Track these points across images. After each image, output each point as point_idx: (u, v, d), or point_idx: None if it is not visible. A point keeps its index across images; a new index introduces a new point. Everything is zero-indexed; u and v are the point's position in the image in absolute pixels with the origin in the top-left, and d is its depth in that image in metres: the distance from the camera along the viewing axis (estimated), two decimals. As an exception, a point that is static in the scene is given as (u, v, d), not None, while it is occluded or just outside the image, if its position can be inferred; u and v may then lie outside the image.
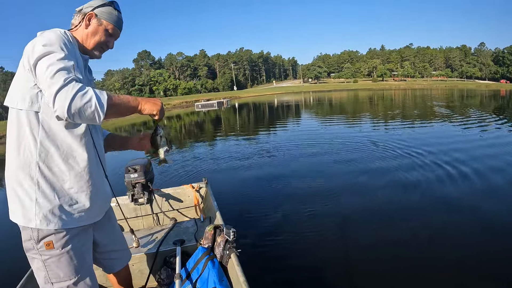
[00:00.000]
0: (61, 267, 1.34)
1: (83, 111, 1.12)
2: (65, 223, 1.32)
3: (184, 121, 21.27)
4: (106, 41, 1.45)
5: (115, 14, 1.44)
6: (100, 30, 1.41)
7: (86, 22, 1.39)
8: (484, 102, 22.58)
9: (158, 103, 1.38)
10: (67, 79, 1.11)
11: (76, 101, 1.10)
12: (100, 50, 1.47)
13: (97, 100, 1.14)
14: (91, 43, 1.41)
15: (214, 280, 1.76)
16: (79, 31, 1.41)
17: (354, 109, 20.92)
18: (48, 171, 1.28)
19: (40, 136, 1.25)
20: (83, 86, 1.14)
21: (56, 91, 1.09)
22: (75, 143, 1.33)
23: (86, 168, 1.36)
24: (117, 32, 1.49)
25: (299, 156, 7.17)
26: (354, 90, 59.66)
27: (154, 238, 2.50)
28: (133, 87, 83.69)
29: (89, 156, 1.37)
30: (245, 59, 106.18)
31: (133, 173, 2.58)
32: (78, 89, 1.11)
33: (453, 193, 4.33)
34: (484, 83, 73.31)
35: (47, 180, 1.28)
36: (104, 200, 1.53)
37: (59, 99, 1.09)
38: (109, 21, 1.42)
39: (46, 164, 1.28)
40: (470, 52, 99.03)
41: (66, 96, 1.09)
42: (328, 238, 3.27)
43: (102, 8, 1.40)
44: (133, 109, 1.32)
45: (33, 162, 1.26)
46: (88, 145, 1.37)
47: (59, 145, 1.29)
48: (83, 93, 1.12)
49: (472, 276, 2.53)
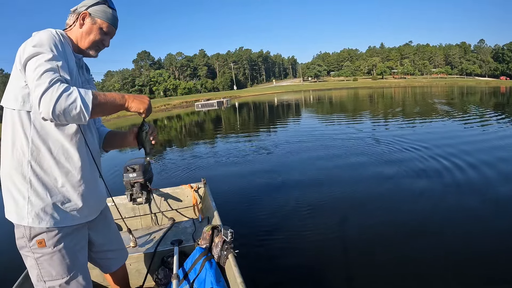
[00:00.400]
0: (53, 266, 1.34)
1: (68, 112, 1.12)
2: (57, 221, 1.32)
3: (184, 121, 21.27)
4: (101, 40, 1.44)
5: (109, 12, 1.42)
6: (95, 28, 1.40)
7: (80, 22, 1.39)
8: (485, 99, 22.54)
9: (145, 100, 1.36)
10: (52, 80, 1.11)
11: (61, 103, 1.10)
12: (96, 49, 1.46)
13: (82, 101, 1.14)
14: (86, 42, 1.41)
15: (211, 280, 1.75)
16: (74, 30, 1.40)
17: (355, 107, 20.91)
18: (40, 169, 1.29)
19: (31, 135, 1.26)
20: (68, 87, 1.14)
21: (41, 93, 1.09)
22: (67, 142, 1.33)
23: (78, 167, 1.36)
24: (112, 30, 1.48)
25: (298, 156, 7.16)
26: (354, 88, 59.63)
27: (152, 238, 2.49)
28: (133, 87, 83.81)
29: (80, 154, 1.37)
30: (245, 58, 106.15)
31: (131, 173, 2.57)
32: (62, 90, 1.11)
33: (453, 193, 4.31)
34: (484, 80, 73.28)
35: (39, 178, 1.29)
36: (97, 200, 1.52)
37: (44, 101, 1.09)
38: (104, 19, 1.41)
39: (38, 163, 1.28)
40: (470, 49, 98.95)
41: (51, 98, 1.09)
42: (327, 238, 3.25)
43: (96, 6, 1.39)
44: (119, 107, 1.31)
45: (25, 161, 1.27)
46: (80, 143, 1.37)
47: (50, 144, 1.29)
48: (68, 94, 1.12)
49: (473, 276, 2.52)
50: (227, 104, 34.18)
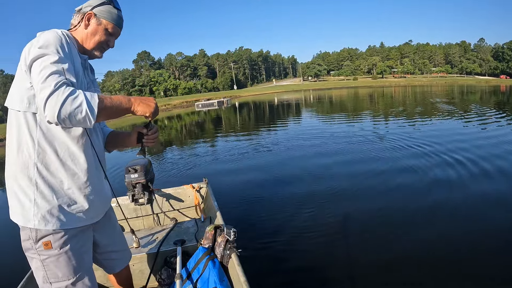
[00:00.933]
0: (59, 267, 1.34)
1: (73, 116, 1.11)
2: (63, 223, 1.32)
3: (185, 121, 21.27)
4: (106, 41, 1.43)
5: (115, 12, 1.41)
6: (100, 29, 1.39)
7: (86, 22, 1.38)
8: (485, 98, 22.51)
9: (151, 104, 1.35)
10: (57, 84, 1.10)
11: (66, 107, 1.09)
12: (101, 49, 1.45)
13: (88, 105, 1.13)
14: (91, 43, 1.40)
15: (214, 280, 1.76)
16: (79, 31, 1.40)
17: (355, 107, 20.88)
18: (46, 172, 1.28)
19: (37, 137, 1.26)
20: (74, 90, 1.12)
21: (46, 96, 1.08)
22: (73, 144, 1.32)
23: (84, 169, 1.36)
24: (118, 31, 1.47)
25: (300, 155, 7.15)
26: (354, 87, 59.56)
27: (155, 238, 2.50)
28: (133, 87, 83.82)
29: (86, 157, 1.37)
30: (245, 58, 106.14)
31: (133, 174, 2.57)
32: (68, 94, 1.10)
33: (455, 193, 4.31)
34: (484, 79, 73.16)
35: (45, 181, 1.28)
36: (103, 201, 1.52)
37: (49, 105, 1.08)
38: (109, 20, 1.40)
39: (44, 165, 1.28)
40: (470, 48, 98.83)
41: (56, 102, 1.08)
42: (330, 238, 3.24)
43: (101, 7, 1.38)
44: (126, 111, 1.31)
45: (31, 163, 1.27)
46: (86, 146, 1.37)
47: (56, 146, 1.29)
48: (73, 97, 1.10)
49: (474, 277, 2.52)
50: (227, 104, 34.18)
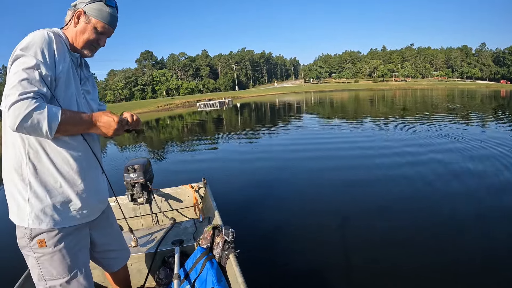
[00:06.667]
0: (54, 265, 1.34)
1: (32, 131, 1.15)
2: (57, 222, 1.32)
3: (186, 120, 21.26)
4: (96, 39, 1.39)
5: (106, 10, 1.36)
6: (89, 28, 1.36)
7: (75, 20, 1.35)
8: (485, 102, 22.48)
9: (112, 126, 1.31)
10: (23, 94, 1.10)
11: (26, 119, 1.10)
12: (91, 48, 1.41)
13: (48, 123, 1.14)
14: (80, 41, 1.37)
15: (212, 280, 1.75)
16: (70, 29, 1.37)
17: (356, 110, 20.89)
18: (39, 171, 1.28)
19: (27, 137, 1.25)
20: (38, 106, 1.12)
21: (10, 104, 1.09)
22: (63, 143, 1.30)
23: (76, 167, 1.34)
24: (108, 30, 1.41)
25: (299, 156, 7.15)
26: (355, 90, 59.53)
27: (153, 238, 2.49)
28: (135, 87, 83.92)
29: (79, 154, 1.35)
30: (247, 59, 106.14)
31: (132, 173, 2.57)
32: (32, 109, 1.10)
33: (457, 194, 4.31)
34: (485, 84, 73.10)
35: (38, 180, 1.28)
36: (98, 199, 1.49)
37: (12, 114, 1.09)
38: (99, 18, 1.35)
39: (36, 164, 1.27)
40: (471, 52, 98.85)
41: (18, 114, 1.09)
42: (328, 239, 3.25)
43: (92, 4, 1.34)
44: (86, 130, 1.33)
45: (23, 162, 1.26)
46: (78, 143, 1.35)
47: (47, 145, 1.27)
48: (37, 113, 1.11)
49: (475, 276, 2.52)
50: (228, 104, 34.19)
